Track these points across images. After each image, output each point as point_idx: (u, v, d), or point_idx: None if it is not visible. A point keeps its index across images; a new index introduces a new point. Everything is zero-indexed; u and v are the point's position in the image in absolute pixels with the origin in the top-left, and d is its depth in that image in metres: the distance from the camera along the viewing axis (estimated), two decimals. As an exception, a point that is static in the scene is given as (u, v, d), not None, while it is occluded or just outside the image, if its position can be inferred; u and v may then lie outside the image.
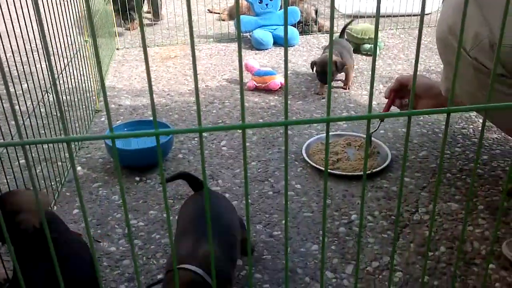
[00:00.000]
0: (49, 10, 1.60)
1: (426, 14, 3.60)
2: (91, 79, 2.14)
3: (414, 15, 3.52)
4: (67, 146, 0.50)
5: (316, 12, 3.37)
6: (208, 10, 4.03)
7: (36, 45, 1.36)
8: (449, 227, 1.37)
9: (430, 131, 1.92)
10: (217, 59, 2.87)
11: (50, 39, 1.53)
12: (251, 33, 3.08)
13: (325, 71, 2.19)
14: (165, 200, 0.55)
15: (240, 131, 1.95)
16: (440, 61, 1.76)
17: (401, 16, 3.47)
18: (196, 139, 1.90)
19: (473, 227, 1.37)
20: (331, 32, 0.50)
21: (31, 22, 1.36)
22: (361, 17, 3.43)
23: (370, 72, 2.59)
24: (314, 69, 2.33)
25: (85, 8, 1.98)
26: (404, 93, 1.69)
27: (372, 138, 1.77)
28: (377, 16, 0.49)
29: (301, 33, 3.27)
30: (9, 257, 1.19)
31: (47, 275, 0.95)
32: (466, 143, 1.82)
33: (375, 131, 1.76)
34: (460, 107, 0.54)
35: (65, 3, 1.84)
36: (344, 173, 1.61)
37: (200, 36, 3.29)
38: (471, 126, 1.95)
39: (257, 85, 2.35)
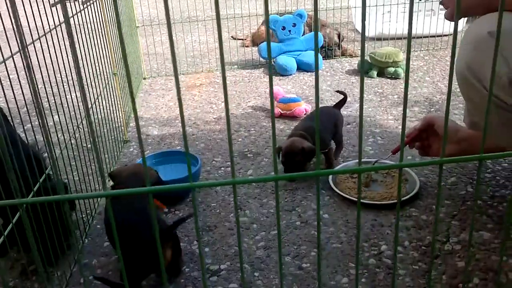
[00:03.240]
0: (81, 43, 1.65)
1: (450, 35, 3.58)
2: (120, 110, 2.19)
3: (438, 36, 3.50)
4: (106, 199, 0.52)
5: (339, 36, 3.39)
6: (232, 36, 4.09)
7: (66, 76, 1.41)
8: (481, 257, 1.34)
9: (459, 156, 1.89)
10: (242, 86, 2.90)
11: (84, 71, 1.58)
12: (274, 59, 3.11)
13: (292, 161, 1.76)
14: (197, 232, 0.56)
15: (267, 158, 1.96)
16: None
17: (424, 37, 3.45)
18: (222, 168, 1.92)
19: (507, 257, 1.34)
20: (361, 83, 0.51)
21: (61, 54, 1.41)
22: (384, 39, 3.43)
23: (395, 96, 2.58)
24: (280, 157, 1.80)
25: (118, 41, 2.05)
26: (428, 133, 1.59)
27: (400, 165, 1.76)
28: (409, 38, 0.50)
29: (325, 57, 3.29)
30: None
31: None
32: (496, 168, 1.79)
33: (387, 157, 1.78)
34: (492, 155, 0.54)
35: (95, 35, 1.89)
36: (372, 202, 1.60)
37: (225, 63, 3.33)
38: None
39: (282, 112, 2.36)
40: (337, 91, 2.15)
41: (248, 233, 1.52)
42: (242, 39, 3.95)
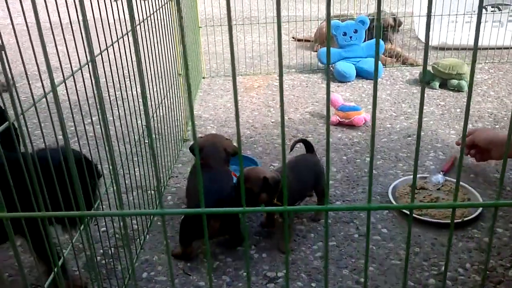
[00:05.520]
0: (149, 44, 1.70)
1: (518, 48, 3.45)
2: (181, 109, 2.24)
3: (504, 48, 3.38)
4: (162, 218, 0.55)
5: (395, 20, 3.38)
6: (293, 37, 4.09)
7: (129, 74, 1.45)
8: (549, 287, 1.30)
9: (525, 178, 1.83)
10: (299, 90, 2.90)
11: (147, 73, 1.63)
12: (334, 65, 3.09)
13: (247, 192, 1.39)
14: (245, 233, 0.57)
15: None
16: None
17: (490, 49, 3.34)
18: (280, 174, 1.93)
19: None
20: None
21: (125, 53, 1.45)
22: (447, 49, 3.35)
23: (457, 110, 2.52)
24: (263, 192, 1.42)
25: (180, 41, 2.10)
26: (473, 146, 1.85)
27: (463, 184, 1.72)
28: (475, 49, 0.49)
29: (385, 65, 3.25)
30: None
31: None
32: None
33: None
34: None
35: (164, 37, 1.94)
36: (433, 220, 1.57)
37: (283, 66, 3.34)
38: None
39: (340, 120, 2.35)
40: (297, 141, 1.77)
41: (304, 242, 1.53)
42: (302, 40, 3.94)
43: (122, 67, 1.37)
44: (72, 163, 0.56)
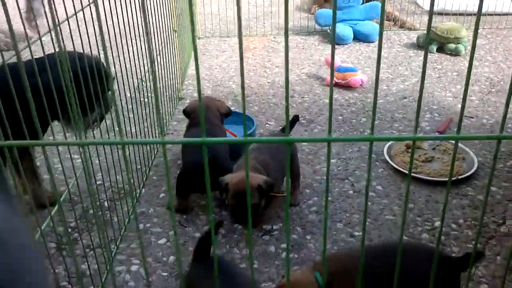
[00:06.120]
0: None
1: (517, 14, 3.42)
2: (176, 68, 2.21)
3: (503, 14, 3.35)
4: (162, 147, 0.54)
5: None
6: None
7: (129, 31, 1.42)
8: (539, 242, 1.32)
9: (520, 139, 1.84)
10: (296, 52, 2.87)
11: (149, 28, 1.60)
12: (330, 27, 3.05)
13: (244, 204, 1.29)
14: (248, 190, 0.57)
15: (320, 126, 1.96)
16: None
17: (489, 15, 3.31)
18: (275, 132, 1.93)
19: None
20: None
21: (127, 9, 1.42)
22: (446, 14, 3.31)
23: (454, 73, 2.51)
24: (225, 198, 1.35)
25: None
26: None
27: (459, 144, 1.73)
28: (479, 14, 0.48)
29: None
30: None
31: None
32: (559, 155, 1.73)
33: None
34: None
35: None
36: (428, 178, 1.58)
37: (279, 28, 3.30)
38: None
39: (337, 81, 2.34)
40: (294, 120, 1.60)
41: (300, 197, 1.53)
42: None
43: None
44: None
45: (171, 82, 2.13)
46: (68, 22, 0.98)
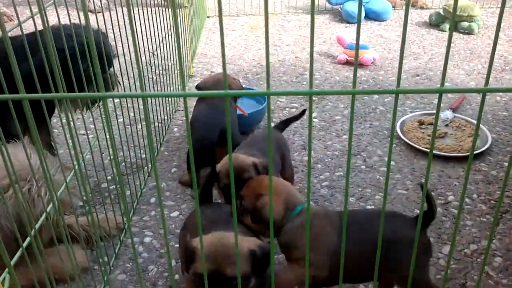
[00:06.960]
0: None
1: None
2: (186, 45, 2.19)
3: (517, -7, 3.29)
4: (184, 100, 0.53)
5: None
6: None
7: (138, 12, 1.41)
8: (554, 217, 1.31)
9: (534, 116, 1.82)
10: (306, 31, 2.84)
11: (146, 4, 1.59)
12: (342, 5, 3.02)
13: (242, 183, 1.07)
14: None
15: (331, 103, 1.94)
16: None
17: (503, -7, 3.25)
18: (287, 109, 1.92)
19: None
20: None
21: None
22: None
23: (467, 51, 2.47)
24: (218, 184, 1.20)
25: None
26: None
27: (472, 120, 1.72)
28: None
29: (394, 7, 3.17)
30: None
31: None
32: None
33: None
34: None
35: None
36: (441, 153, 1.57)
37: (289, 7, 3.27)
38: None
39: (348, 59, 2.31)
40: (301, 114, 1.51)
41: (312, 172, 1.53)
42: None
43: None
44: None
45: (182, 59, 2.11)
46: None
